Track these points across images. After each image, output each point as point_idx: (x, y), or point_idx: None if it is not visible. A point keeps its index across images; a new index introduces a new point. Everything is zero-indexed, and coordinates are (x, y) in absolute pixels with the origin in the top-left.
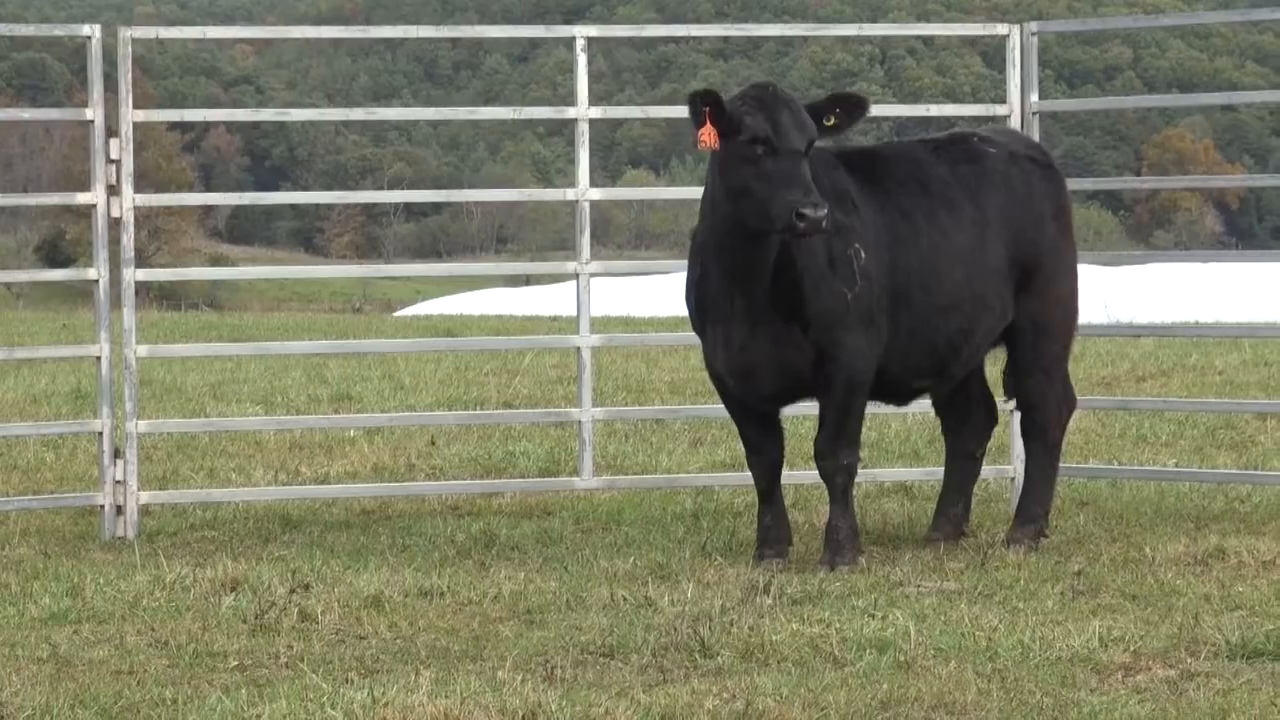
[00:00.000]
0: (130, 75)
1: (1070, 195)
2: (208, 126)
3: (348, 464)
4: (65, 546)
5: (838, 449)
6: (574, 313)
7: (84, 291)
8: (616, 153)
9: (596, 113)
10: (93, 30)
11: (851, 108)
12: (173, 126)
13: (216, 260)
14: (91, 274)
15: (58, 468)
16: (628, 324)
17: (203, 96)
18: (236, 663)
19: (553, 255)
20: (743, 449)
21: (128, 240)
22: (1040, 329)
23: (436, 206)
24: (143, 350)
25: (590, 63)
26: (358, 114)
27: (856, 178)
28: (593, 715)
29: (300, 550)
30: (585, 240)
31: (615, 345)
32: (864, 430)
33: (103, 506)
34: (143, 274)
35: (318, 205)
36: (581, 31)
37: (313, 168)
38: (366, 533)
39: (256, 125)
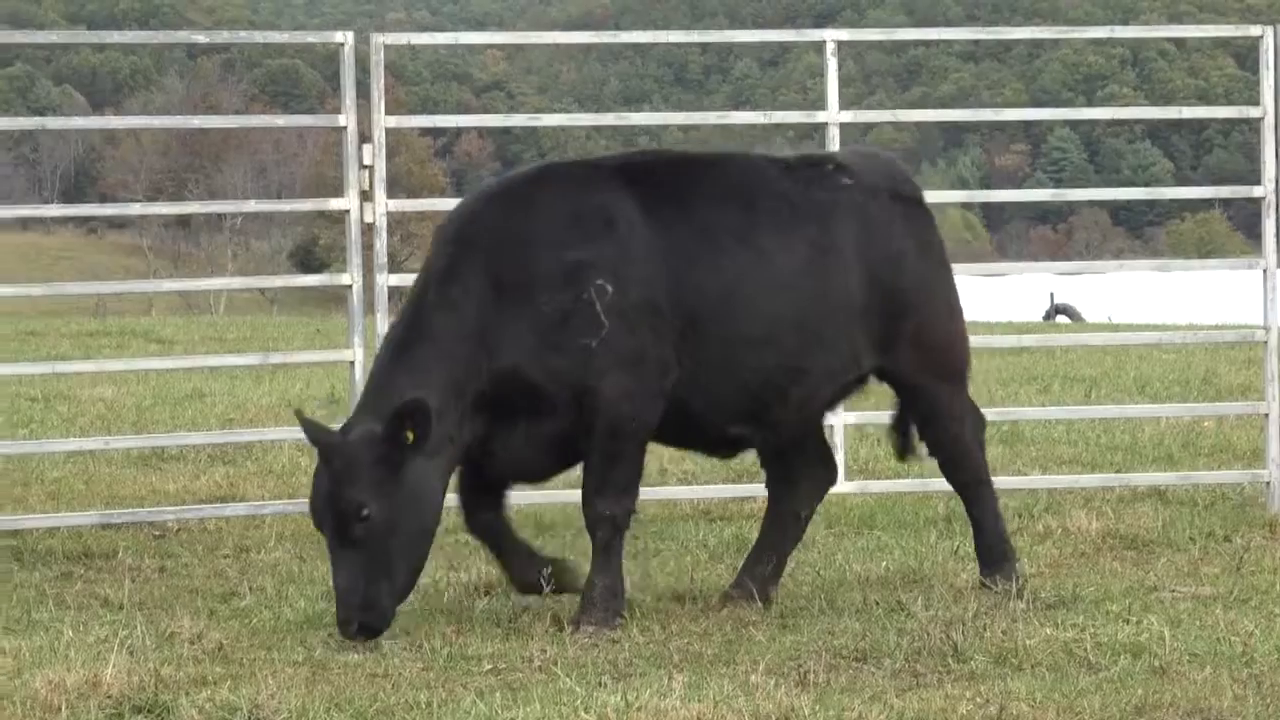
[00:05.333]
0: (383, 81)
1: (939, 231)
2: (459, 132)
3: None
4: (319, 550)
5: (599, 499)
6: None
7: (337, 297)
8: None
9: (847, 116)
10: (345, 37)
11: None
12: (424, 132)
13: None
14: (345, 279)
15: (312, 472)
16: None
17: (454, 102)
18: (490, 666)
19: None
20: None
21: (380, 245)
22: (934, 376)
23: None
24: None
25: (840, 66)
26: (608, 119)
27: (640, 193)
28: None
29: (554, 554)
30: None
31: None
32: (1116, 434)
33: None
34: (395, 279)
35: None
36: (832, 35)
37: None
38: None
39: (508, 130)
